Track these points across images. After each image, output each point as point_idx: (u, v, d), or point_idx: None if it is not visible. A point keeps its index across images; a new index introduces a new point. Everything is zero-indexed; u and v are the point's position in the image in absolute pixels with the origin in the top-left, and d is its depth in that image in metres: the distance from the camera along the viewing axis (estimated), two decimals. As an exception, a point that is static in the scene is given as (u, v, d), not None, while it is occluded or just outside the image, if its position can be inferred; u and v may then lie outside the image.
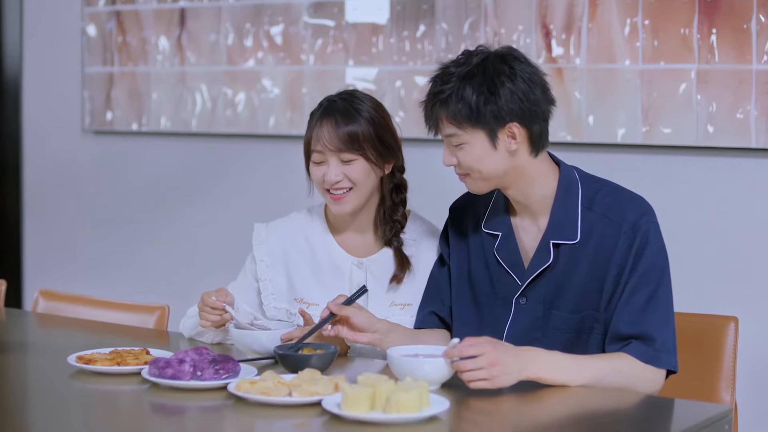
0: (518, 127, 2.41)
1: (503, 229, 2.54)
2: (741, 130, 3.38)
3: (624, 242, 2.41)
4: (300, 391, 2.15)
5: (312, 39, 4.13)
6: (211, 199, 4.45)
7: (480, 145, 2.42)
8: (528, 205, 2.50)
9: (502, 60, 2.43)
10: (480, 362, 2.22)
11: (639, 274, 2.40)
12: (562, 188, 2.48)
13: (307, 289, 2.74)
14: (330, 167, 2.66)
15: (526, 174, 2.46)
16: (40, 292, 3.30)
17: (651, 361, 2.37)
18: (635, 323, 2.39)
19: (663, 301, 2.41)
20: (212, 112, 4.37)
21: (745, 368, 3.02)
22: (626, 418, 2.22)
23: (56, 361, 2.52)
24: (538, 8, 3.68)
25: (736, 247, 3.44)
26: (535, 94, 2.42)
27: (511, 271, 2.50)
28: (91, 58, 4.67)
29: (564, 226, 2.46)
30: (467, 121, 2.40)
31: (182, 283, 4.49)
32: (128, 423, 2.17)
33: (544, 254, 2.46)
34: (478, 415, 2.19)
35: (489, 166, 2.43)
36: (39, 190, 4.93)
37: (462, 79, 2.41)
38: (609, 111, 3.58)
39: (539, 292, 2.47)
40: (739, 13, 3.36)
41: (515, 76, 2.40)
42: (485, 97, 2.38)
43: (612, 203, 2.46)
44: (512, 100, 2.39)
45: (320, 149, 2.67)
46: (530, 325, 2.48)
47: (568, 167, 2.52)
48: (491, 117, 2.39)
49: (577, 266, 2.45)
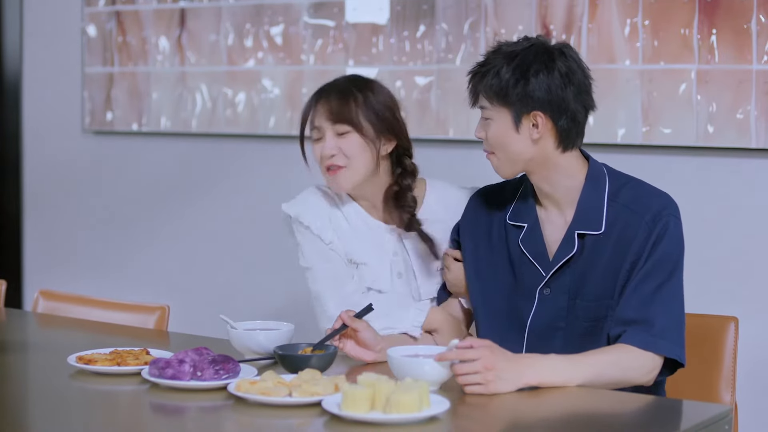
0: (543, 117, 2.46)
1: (529, 221, 2.57)
2: (741, 130, 3.38)
3: (644, 232, 2.45)
4: (300, 391, 2.15)
5: (312, 39, 4.13)
6: (211, 199, 4.45)
7: (504, 124, 2.48)
8: (553, 195, 2.54)
9: (546, 51, 2.49)
10: (475, 366, 2.24)
11: (653, 262, 2.43)
12: (589, 181, 2.52)
13: (353, 249, 2.75)
14: (326, 140, 2.70)
15: (552, 165, 2.51)
16: (40, 292, 3.30)
17: (648, 346, 2.38)
18: (640, 309, 2.41)
19: (672, 291, 2.43)
20: (212, 112, 4.37)
21: (745, 368, 3.02)
22: (626, 418, 2.22)
23: (56, 361, 2.52)
24: (538, 8, 3.68)
25: (736, 247, 3.44)
26: (567, 91, 2.46)
27: (535, 261, 2.53)
28: (91, 58, 4.67)
29: (589, 217, 2.50)
30: (496, 97, 2.47)
31: (182, 283, 4.49)
32: (128, 423, 2.17)
33: (569, 244, 2.50)
34: (478, 416, 2.19)
35: (511, 147, 2.49)
36: (39, 189, 4.93)
37: (505, 57, 2.48)
38: (609, 111, 3.57)
39: (563, 282, 2.51)
40: (739, 13, 3.36)
41: (552, 69, 2.46)
42: (516, 79, 2.45)
43: (636, 196, 2.51)
44: (540, 90, 2.44)
45: (317, 124, 2.71)
46: (554, 315, 2.51)
47: (597, 162, 2.57)
48: (517, 99, 2.45)
49: (600, 256, 2.48)
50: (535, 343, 2.51)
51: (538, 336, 2.52)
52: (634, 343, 2.38)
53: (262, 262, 4.32)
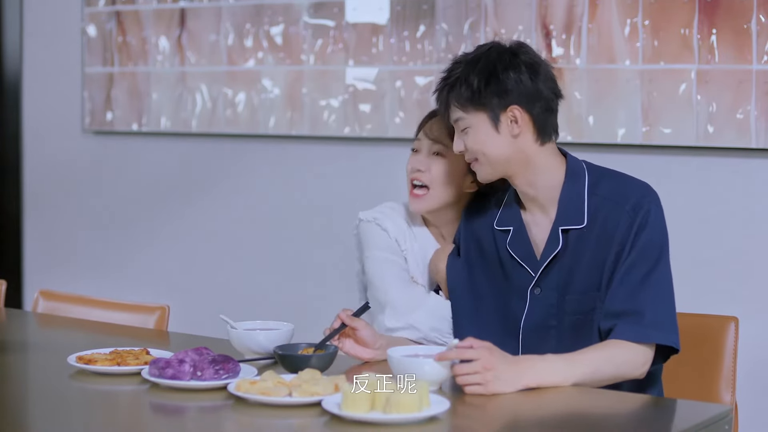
0: (520, 110, 2.49)
1: (514, 224, 2.59)
2: (741, 130, 3.38)
3: (626, 221, 2.47)
4: (300, 391, 2.15)
5: (312, 39, 4.13)
6: (211, 199, 4.45)
7: (483, 127, 2.50)
8: (536, 197, 2.55)
9: (506, 50, 2.54)
10: (475, 366, 2.25)
11: (637, 251, 2.44)
12: (569, 177, 2.54)
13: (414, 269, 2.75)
14: (421, 154, 2.71)
15: (532, 163, 2.52)
16: (40, 292, 3.30)
17: (640, 338, 2.39)
18: (628, 300, 2.42)
19: (660, 279, 2.44)
20: (212, 112, 4.37)
21: (745, 368, 3.02)
22: (626, 418, 2.22)
23: (56, 361, 2.52)
24: (538, 8, 3.68)
25: (736, 247, 3.44)
26: (537, 82, 2.51)
27: (523, 263, 2.55)
28: (91, 58, 4.67)
29: (571, 212, 2.52)
30: (470, 104, 2.50)
31: (182, 283, 4.49)
32: (128, 423, 2.17)
33: (554, 241, 2.52)
34: (478, 416, 2.19)
35: (493, 149, 2.50)
36: (39, 189, 4.93)
37: (467, 65, 2.53)
38: (609, 111, 3.58)
39: (552, 279, 2.52)
40: (739, 13, 3.36)
41: (518, 64, 2.51)
42: (486, 80, 2.48)
43: (615, 186, 2.53)
44: (512, 83, 2.48)
45: (420, 137, 2.73)
46: (546, 313, 2.53)
47: (575, 158, 2.58)
48: (493, 98, 2.48)
49: (584, 249, 2.50)
50: (530, 344, 2.52)
51: (532, 336, 2.53)
52: (625, 337, 2.40)
53: (262, 262, 4.32)
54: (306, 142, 4.17)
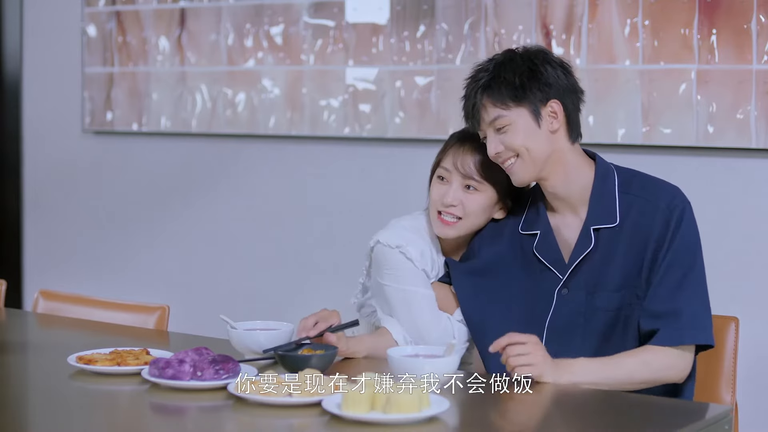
0: (558, 104, 2.52)
1: (541, 228, 2.61)
2: (741, 130, 3.38)
3: (661, 218, 2.51)
4: (300, 391, 2.15)
5: (312, 39, 4.13)
6: (210, 199, 4.45)
7: (524, 122, 2.52)
8: (567, 198, 2.58)
9: (536, 49, 2.58)
10: (527, 348, 2.31)
11: (674, 251, 2.49)
12: (599, 177, 2.57)
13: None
14: (451, 188, 2.64)
15: (566, 161, 2.55)
16: (40, 292, 3.30)
17: (678, 341, 2.44)
18: (669, 300, 2.47)
19: (697, 278, 2.51)
20: (212, 112, 4.37)
21: (745, 368, 3.02)
22: (627, 418, 2.22)
23: (56, 361, 2.52)
24: (538, 8, 3.68)
25: (736, 247, 3.44)
26: (570, 77, 2.57)
27: (551, 266, 2.57)
28: (91, 58, 4.67)
29: (603, 211, 2.55)
30: (512, 100, 2.51)
31: (182, 283, 4.49)
32: (128, 423, 2.17)
33: (585, 241, 2.54)
34: (478, 415, 2.19)
35: (535, 145, 2.52)
36: (39, 189, 4.93)
37: (499, 66, 2.55)
38: (609, 111, 3.58)
39: (580, 279, 2.54)
40: (739, 13, 3.36)
41: (552, 60, 2.56)
42: (528, 75, 2.51)
43: (647, 185, 2.57)
44: (552, 77, 2.52)
45: (449, 167, 2.65)
46: (573, 312, 2.55)
47: (603, 160, 2.62)
48: (536, 91, 2.51)
49: (617, 247, 2.53)
50: (554, 344, 2.50)
51: (556, 337, 2.54)
52: (663, 343, 2.45)
53: (262, 262, 4.32)
54: (306, 142, 4.17)
